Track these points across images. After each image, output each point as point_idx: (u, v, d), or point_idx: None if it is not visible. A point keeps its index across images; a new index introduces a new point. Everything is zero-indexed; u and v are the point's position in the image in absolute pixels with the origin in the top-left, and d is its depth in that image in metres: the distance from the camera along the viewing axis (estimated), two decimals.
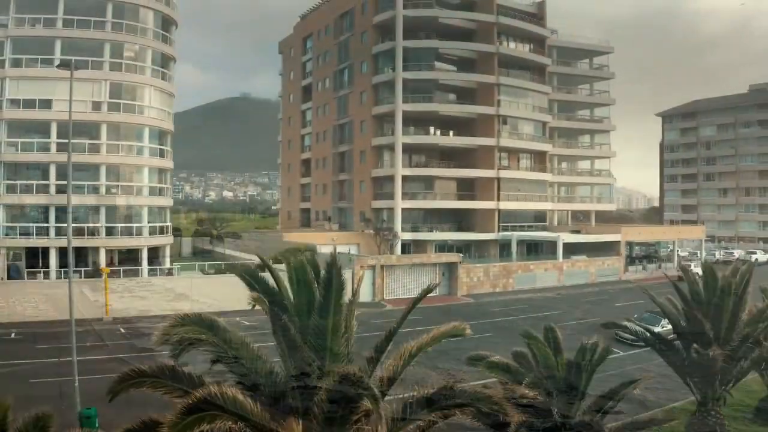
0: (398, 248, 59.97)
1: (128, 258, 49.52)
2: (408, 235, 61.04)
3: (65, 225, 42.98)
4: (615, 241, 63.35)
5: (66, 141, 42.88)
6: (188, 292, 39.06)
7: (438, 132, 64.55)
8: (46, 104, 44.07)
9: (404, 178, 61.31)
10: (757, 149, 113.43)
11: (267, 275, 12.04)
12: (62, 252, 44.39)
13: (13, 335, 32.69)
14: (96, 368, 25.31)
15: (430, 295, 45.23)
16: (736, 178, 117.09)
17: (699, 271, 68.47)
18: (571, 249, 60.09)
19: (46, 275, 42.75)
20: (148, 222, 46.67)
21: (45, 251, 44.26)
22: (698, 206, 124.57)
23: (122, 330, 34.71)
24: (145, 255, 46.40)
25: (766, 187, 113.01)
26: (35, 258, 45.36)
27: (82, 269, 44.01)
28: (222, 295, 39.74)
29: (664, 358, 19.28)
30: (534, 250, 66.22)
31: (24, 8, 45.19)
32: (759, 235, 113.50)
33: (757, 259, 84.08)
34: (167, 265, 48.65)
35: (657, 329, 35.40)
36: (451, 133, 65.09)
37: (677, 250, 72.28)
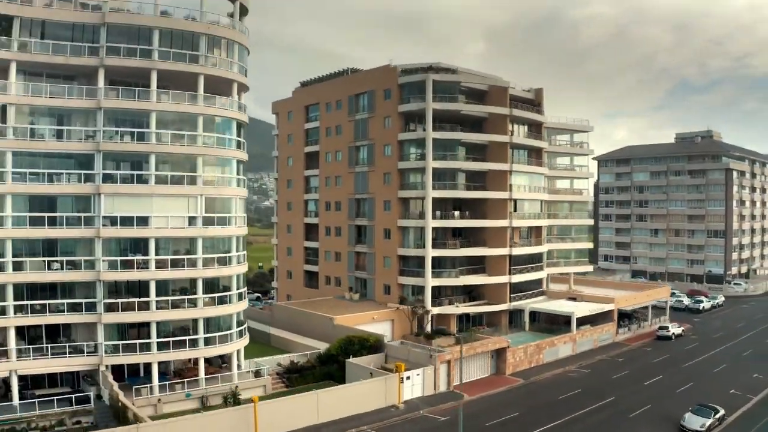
0: (429, 325, 65.39)
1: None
2: (435, 310, 66.51)
3: (167, 339, 45.29)
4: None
5: (165, 258, 45.30)
6: (314, 405, 42.76)
7: (457, 213, 70.54)
8: (144, 221, 45.45)
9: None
10: (686, 195, 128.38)
11: None
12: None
13: None
14: None
15: (480, 377, 51.95)
16: (667, 221, 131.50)
17: (676, 331, 77.67)
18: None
19: (151, 390, 44.38)
20: (237, 327, 49.11)
21: (146, 366, 46.04)
22: (631, 244, 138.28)
23: None
24: (234, 359, 48.78)
25: (693, 230, 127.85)
26: (119, 371, 46.52)
27: (179, 381, 45.90)
28: (342, 403, 43.96)
29: None
30: (534, 318, 73.29)
31: (112, 121, 45.92)
32: (687, 271, 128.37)
33: (704, 307, 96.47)
34: (243, 363, 51.16)
35: (710, 421, 43.44)
36: (467, 212, 71.28)
37: (650, 310, 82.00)
